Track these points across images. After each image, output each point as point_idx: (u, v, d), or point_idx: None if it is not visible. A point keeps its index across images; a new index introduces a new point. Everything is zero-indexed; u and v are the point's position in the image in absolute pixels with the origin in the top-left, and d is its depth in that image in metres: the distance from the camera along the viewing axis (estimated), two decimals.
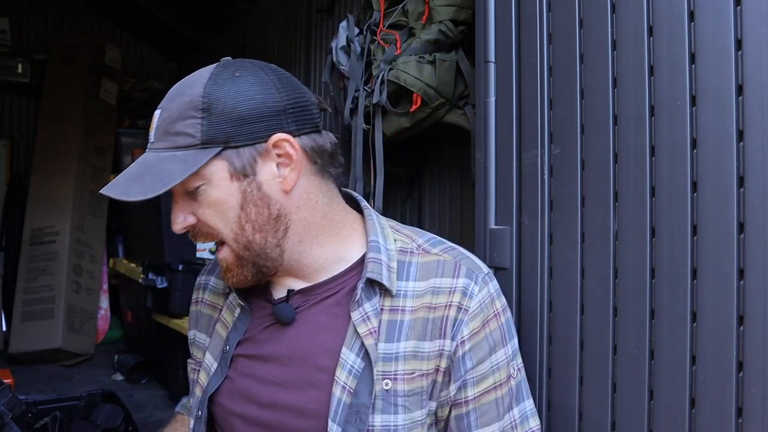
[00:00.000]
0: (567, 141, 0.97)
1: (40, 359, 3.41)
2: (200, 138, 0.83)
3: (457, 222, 1.90)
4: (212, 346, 0.97)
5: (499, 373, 0.89)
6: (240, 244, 0.87)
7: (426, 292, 0.88)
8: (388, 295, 0.88)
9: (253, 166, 0.85)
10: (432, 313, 0.87)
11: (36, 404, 2.18)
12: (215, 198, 0.85)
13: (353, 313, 0.87)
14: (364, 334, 0.86)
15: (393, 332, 0.87)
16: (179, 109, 0.84)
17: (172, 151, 0.84)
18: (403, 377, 0.86)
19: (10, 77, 4.12)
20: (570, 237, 0.96)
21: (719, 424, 0.76)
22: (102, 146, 3.83)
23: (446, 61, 1.61)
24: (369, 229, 0.92)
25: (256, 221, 0.86)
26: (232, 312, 0.96)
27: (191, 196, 0.86)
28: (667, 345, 0.81)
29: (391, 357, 0.86)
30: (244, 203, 0.86)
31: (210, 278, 1.05)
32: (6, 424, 1.83)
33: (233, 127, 0.83)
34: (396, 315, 0.88)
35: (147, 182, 0.83)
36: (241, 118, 0.84)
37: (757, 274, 0.73)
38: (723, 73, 0.76)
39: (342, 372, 0.86)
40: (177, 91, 0.88)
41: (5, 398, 1.90)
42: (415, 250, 0.92)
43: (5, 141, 4.27)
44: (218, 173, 0.84)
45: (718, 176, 0.76)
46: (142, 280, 2.92)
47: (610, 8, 0.90)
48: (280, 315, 0.91)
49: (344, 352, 0.86)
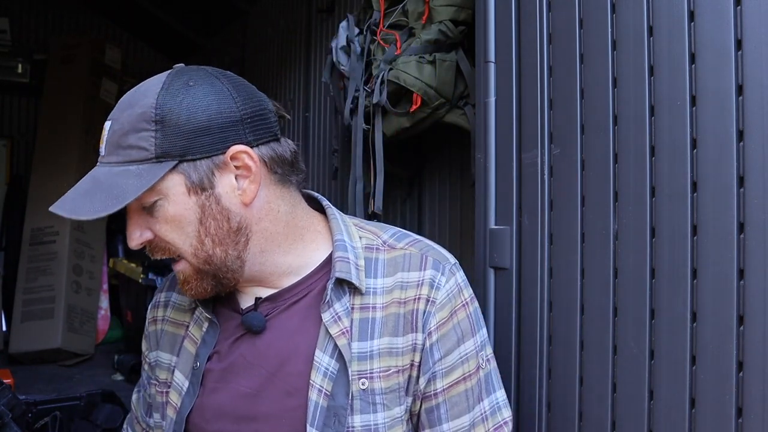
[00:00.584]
0: (567, 141, 0.97)
1: (40, 359, 3.41)
2: (154, 152, 0.80)
3: (457, 222, 1.90)
4: (181, 364, 0.94)
5: (468, 364, 0.89)
6: (200, 259, 0.85)
7: (394, 287, 0.88)
8: (358, 293, 0.87)
9: (210, 179, 0.83)
10: (402, 307, 0.87)
11: (36, 404, 2.18)
12: (173, 213, 0.82)
13: (324, 314, 0.86)
14: (336, 334, 0.85)
15: (366, 330, 0.86)
16: (131, 121, 0.81)
17: (125, 166, 0.81)
18: (380, 375, 0.85)
19: (10, 77, 4.12)
20: (570, 237, 0.96)
21: (719, 424, 0.76)
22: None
23: (446, 61, 1.61)
24: (333, 229, 0.91)
25: (216, 235, 0.84)
26: (200, 327, 0.93)
27: (147, 212, 0.83)
28: (667, 345, 0.81)
29: (365, 355, 0.86)
30: (202, 217, 0.83)
31: (172, 294, 1.01)
32: (6, 424, 1.83)
33: (188, 140, 0.80)
34: (367, 313, 0.87)
35: (98, 200, 0.80)
36: (197, 129, 0.81)
37: (757, 274, 0.73)
38: (723, 73, 0.76)
39: (317, 375, 0.85)
40: (128, 101, 0.84)
41: (5, 398, 1.90)
42: (381, 246, 0.91)
43: (5, 141, 4.26)
44: (175, 188, 0.82)
45: (718, 176, 0.76)
46: (142, 280, 2.92)
47: (610, 8, 0.90)
48: (250, 324, 0.89)
49: (318, 354, 0.86)
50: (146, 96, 0.82)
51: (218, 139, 0.82)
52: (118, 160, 0.81)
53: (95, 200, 0.80)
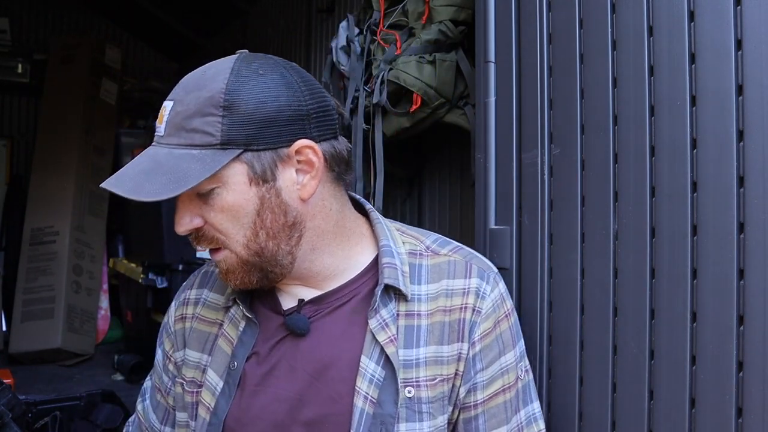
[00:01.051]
0: (567, 141, 0.97)
1: (40, 359, 3.41)
2: (219, 138, 0.77)
3: (457, 222, 1.90)
4: (215, 363, 0.90)
5: (508, 376, 0.88)
6: (250, 251, 0.82)
7: (439, 294, 0.87)
8: (403, 300, 0.86)
9: (273, 172, 0.81)
10: (448, 316, 0.86)
11: (36, 404, 2.18)
12: (230, 202, 0.80)
13: (371, 321, 0.84)
14: (384, 342, 0.83)
15: (411, 338, 0.85)
16: (198, 104, 0.78)
17: (187, 149, 0.78)
18: (426, 383, 0.84)
19: (10, 77, 4.12)
20: (570, 237, 0.96)
21: (719, 424, 0.76)
22: (102, 146, 3.83)
23: (446, 61, 1.61)
24: (379, 233, 0.90)
25: (271, 228, 0.82)
26: (236, 326, 0.90)
27: (201, 198, 0.81)
28: (667, 345, 0.81)
29: (411, 363, 0.84)
30: (260, 209, 0.81)
31: (204, 292, 0.97)
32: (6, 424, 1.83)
33: (255, 129, 0.78)
34: (412, 320, 0.86)
35: (159, 182, 0.77)
36: (265, 119, 0.79)
37: (757, 274, 0.73)
38: (723, 73, 0.76)
39: (363, 382, 0.83)
40: (194, 83, 0.81)
41: (5, 398, 1.90)
42: (424, 252, 0.90)
43: (5, 141, 4.27)
44: (236, 177, 0.80)
45: (718, 176, 0.76)
46: (142, 280, 2.92)
47: (610, 8, 0.90)
48: (295, 326, 0.86)
49: (363, 360, 0.84)
50: (215, 80, 0.79)
51: (285, 132, 0.80)
52: (179, 142, 0.79)
53: (155, 182, 0.77)
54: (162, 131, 0.81)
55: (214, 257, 0.85)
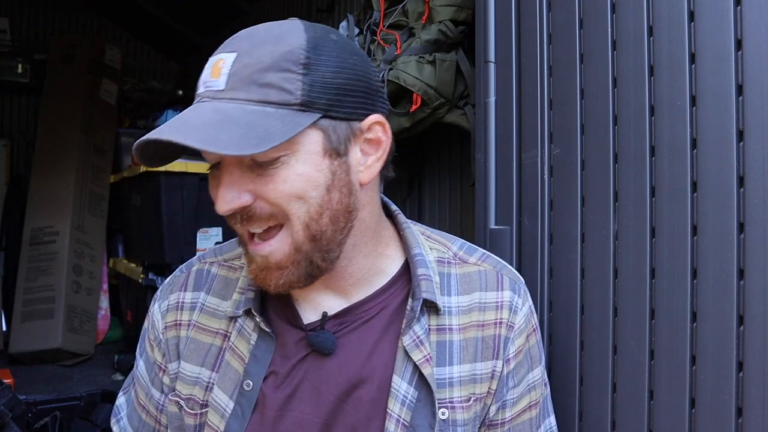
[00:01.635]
0: (567, 141, 0.97)
1: (40, 359, 3.41)
2: (299, 97, 0.68)
3: (457, 222, 1.90)
4: (223, 382, 0.80)
5: (535, 392, 0.85)
6: (309, 233, 0.71)
7: (472, 308, 0.81)
8: (434, 313, 0.80)
9: (347, 146, 0.72)
10: (482, 331, 0.80)
11: (36, 404, 2.18)
12: (300, 173, 0.69)
13: (404, 337, 0.77)
14: (420, 362, 0.77)
15: (444, 355, 0.79)
16: (273, 58, 0.68)
17: (260, 105, 0.67)
18: (461, 405, 0.79)
19: (10, 77, 4.13)
20: (570, 237, 0.96)
21: (719, 424, 0.76)
22: (102, 146, 3.83)
23: (446, 61, 1.61)
24: (410, 240, 0.82)
25: (336, 210, 0.72)
26: (247, 340, 0.80)
27: (257, 169, 0.69)
28: (667, 345, 0.81)
29: (444, 383, 0.78)
30: (330, 186, 0.71)
31: (200, 295, 0.85)
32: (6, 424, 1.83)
33: (335, 95, 0.70)
34: (444, 335, 0.79)
35: (239, 134, 0.65)
36: (344, 86, 0.70)
37: (757, 274, 0.73)
38: (723, 73, 0.76)
39: (395, 404, 0.76)
40: (263, 36, 0.71)
41: (5, 398, 1.90)
42: (452, 260, 0.84)
43: (5, 141, 4.27)
44: (310, 144, 0.69)
45: (718, 176, 0.76)
46: (142, 280, 2.92)
47: (610, 8, 0.90)
48: (322, 346, 0.77)
49: (395, 380, 0.77)
50: (291, 36, 0.70)
51: (360, 104, 0.72)
52: (250, 97, 0.67)
53: (233, 134, 0.64)
54: (221, 85, 0.68)
55: (259, 249, 0.73)
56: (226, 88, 0.68)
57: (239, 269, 0.85)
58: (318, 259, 0.73)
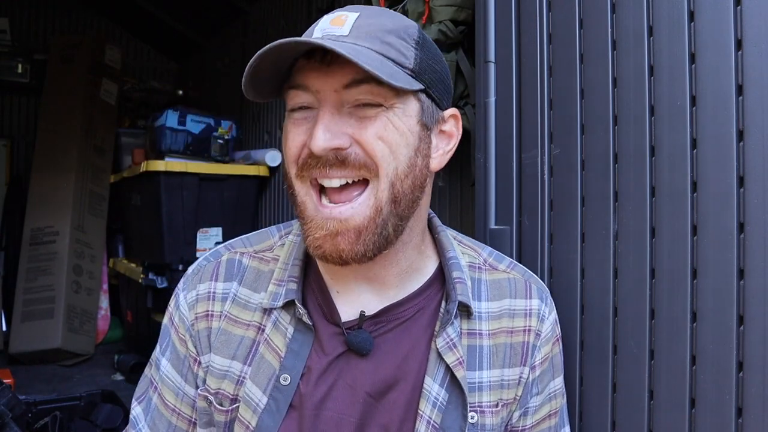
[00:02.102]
0: (567, 141, 0.97)
1: (40, 359, 3.41)
2: (412, 65, 0.73)
3: (457, 222, 1.90)
4: (257, 376, 0.78)
5: (556, 401, 0.87)
6: (392, 193, 0.73)
7: (502, 314, 0.82)
8: (465, 317, 0.81)
9: (433, 125, 0.78)
10: (511, 338, 0.82)
11: (36, 404, 2.18)
12: (397, 126, 0.72)
13: (438, 339, 0.78)
14: (453, 364, 0.77)
15: (474, 359, 0.80)
16: (395, 25, 0.74)
17: (383, 57, 0.71)
18: (491, 410, 0.79)
19: (10, 77, 4.12)
20: (570, 237, 0.96)
21: (719, 424, 0.76)
22: (102, 146, 3.83)
23: (446, 61, 1.61)
24: (445, 244, 0.84)
25: (417, 177, 0.75)
26: (283, 333, 0.79)
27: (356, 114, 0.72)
28: (667, 345, 0.81)
29: (474, 387, 0.79)
30: (418, 149, 0.75)
31: (233, 286, 0.83)
32: (6, 424, 1.83)
33: (434, 77, 0.76)
34: (474, 339, 0.81)
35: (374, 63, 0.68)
36: (440, 75, 0.78)
37: (757, 274, 0.73)
38: (723, 73, 0.76)
39: (426, 405, 0.77)
40: (379, 10, 0.78)
41: (5, 398, 1.90)
42: (483, 266, 0.86)
43: (5, 141, 4.27)
44: (410, 108, 0.74)
45: (718, 176, 0.76)
46: (142, 280, 2.92)
47: (610, 8, 0.90)
48: (360, 346, 0.77)
49: (427, 382, 0.77)
50: (403, 18, 0.77)
51: (445, 95, 0.79)
52: (374, 47, 0.71)
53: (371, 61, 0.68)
54: (345, 32, 0.72)
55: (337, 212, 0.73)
56: (349, 35, 0.72)
57: (272, 261, 0.84)
58: (391, 227, 0.74)
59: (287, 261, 0.82)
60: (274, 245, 0.85)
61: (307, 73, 0.73)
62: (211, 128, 2.98)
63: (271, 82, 0.75)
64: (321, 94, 0.72)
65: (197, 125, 2.94)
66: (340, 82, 0.71)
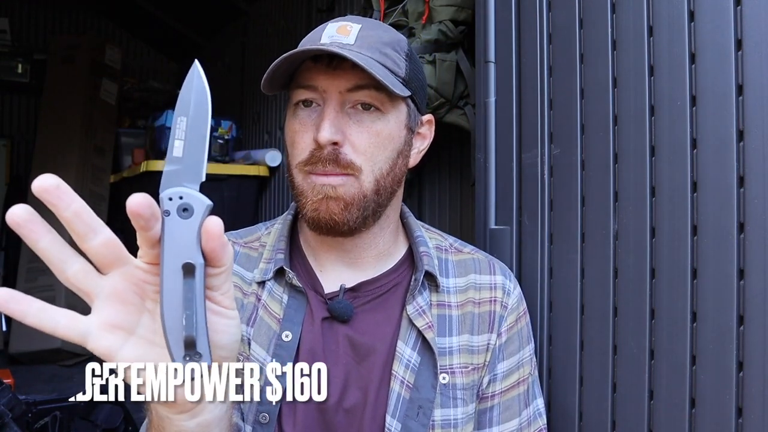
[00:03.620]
0: (567, 141, 0.97)
1: (40, 359, 3.41)
2: (404, 74, 0.84)
3: (457, 222, 1.90)
4: (258, 335, 0.86)
5: (523, 369, 0.91)
6: (377, 186, 0.84)
7: (468, 287, 0.90)
8: (435, 290, 0.89)
9: (415, 128, 0.88)
10: (478, 308, 0.90)
11: (36, 404, 2.18)
12: (389, 131, 0.84)
13: (409, 306, 0.87)
14: (423, 327, 0.85)
15: (444, 326, 0.88)
16: (390, 39, 0.84)
17: (382, 66, 0.81)
18: (461, 371, 0.87)
19: (10, 77, 4.13)
20: (570, 237, 0.96)
21: (719, 424, 0.76)
22: (102, 146, 3.83)
23: (446, 61, 1.61)
24: (412, 226, 0.94)
25: (397, 174, 0.86)
26: (279, 301, 0.87)
27: (355, 116, 0.82)
28: (667, 345, 0.81)
29: (445, 351, 0.87)
30: (401, 151, 0.86)
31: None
32: (6, 424, 1.83)
33: (418, 87, 0.87)
34: (444, 310, 0.89)
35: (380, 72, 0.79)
36: (422, 84, 0.88)
37: (757, 274, 0.73)
38: (723, 73, 0.76)
39: (399, 366, 0.85)
40: (374, 24, 0.88)
41: (5, 398, 1.90)
42: (449, 248, 0.95)
43: (5, 141, 4.27)
44: (401, 113, 0.85)
45: (718, 176, 0.76)
46: None
47: (610, 8, 0.90)
48: (342, 312, 0.86)
49: (400, 345, 0.86)
50: (394, 32, 0.88)
51: (424, 101, 0.90)
52: (375, 57, 0.81)
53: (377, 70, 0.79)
54: (351, 41, 0.82)
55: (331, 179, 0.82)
56: (355, 44, 0.81)
57: (260, 248, 0.93)
58: (371, 210, 0.85)
59: (274, 244, 0.91)
60: (261, 236, 0.94)
61: (315, 75, 0.82)
62: (211, 128, 2.97)
63: (282, 78, 0.85)
64: (327, 94, 0.82)
65: None
66: (345, 85, 0.81)
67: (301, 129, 0.84)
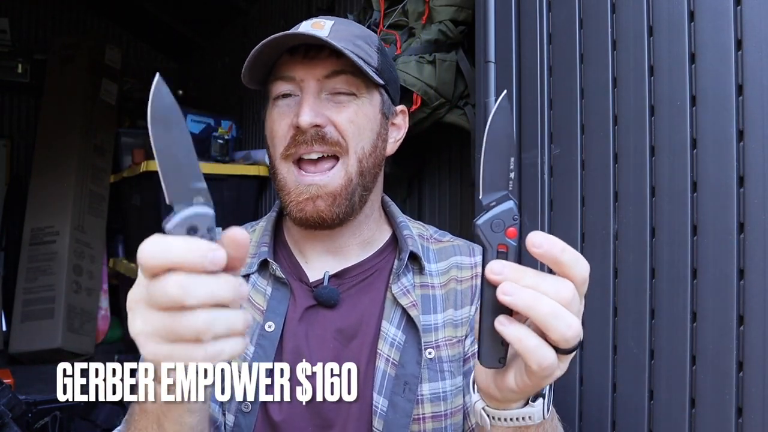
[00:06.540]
0: (567, 141, 0.97)
1: (40, 359, 3.40)
2: (376, 64, 0.88)
3: (457, 222, 1.90)
4: None
5: None
6: (360, 167, 0.87)
7: (451, 267, 0.93)
8: (418, 272, 0.92)
9: (390, 117, 0.92)
10: (460, 285, 0.92)
11: (36, 404, 2.18)
12: (365, 113, 0.87)
13: (393, 286, 0.89)
14: (407, 305, 0.88)
15: (428, 305, 0.90)
16: (362, 33, 0.88)
17: (354, 55, 0.84)
18: (446, 344, 0.89)
19: (10, 77, 4.12)
20: (570, 237, 0.96)
21: (719, 424, 0.76)
22: (102, 146, 3.82)
23: (446, 61, 1.61)
24: (395, 213, 0.98)
25: (378, 156, 0.90)
26: (262, 293, 0.90)
27: (332, 100, 0.86)
28: (667, 345, 0.81)
29: (430, 328, 0.89)
30: (379, 133, 0.89)
31: None
32: (6, 424, 1.83)
33: (390, 78, 0.91)
34: (427, 290, 0.91)
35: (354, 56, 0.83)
36: (393, 78, 0.93)
37: (757, 274, 0.73)
38: (723, 73, 0.76)
39: (384, 345, 0.87)
40: (344, 21, 0.91)
41: (5, 398, 1.90)
42: (430, 238, 0.98)
43: (5, 141, 4.26)
44: (375, 99, 0.89)
45: (718, 176, 0.76)
46: None
47: (610, 8, 0.90)
48: (328, 298, 0.89)
49: (384, 325, 0.88)
50: (366, 29, 0.92)
51: (396, 94, 0.94)
52: (347, 47, 0.84)
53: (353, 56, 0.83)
54: (325, 34, 0.85)
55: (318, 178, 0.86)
56: (329, 36, 0.84)
57: None
58: (357, 196, 0.88)
59: (258, 239, 0.94)
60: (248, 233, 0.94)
61: (291, 66, 0.86)
62: (211, 128, 2.97)
63: (260, 71, 0.89)
64: (304, 83, 0.86)
65: (197, 125, 2.94)
66: (321, 72, 0.85)
67: (280, 118, 0.87)
